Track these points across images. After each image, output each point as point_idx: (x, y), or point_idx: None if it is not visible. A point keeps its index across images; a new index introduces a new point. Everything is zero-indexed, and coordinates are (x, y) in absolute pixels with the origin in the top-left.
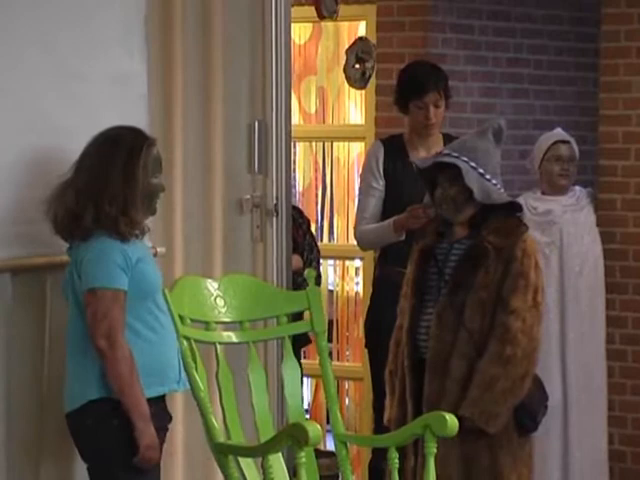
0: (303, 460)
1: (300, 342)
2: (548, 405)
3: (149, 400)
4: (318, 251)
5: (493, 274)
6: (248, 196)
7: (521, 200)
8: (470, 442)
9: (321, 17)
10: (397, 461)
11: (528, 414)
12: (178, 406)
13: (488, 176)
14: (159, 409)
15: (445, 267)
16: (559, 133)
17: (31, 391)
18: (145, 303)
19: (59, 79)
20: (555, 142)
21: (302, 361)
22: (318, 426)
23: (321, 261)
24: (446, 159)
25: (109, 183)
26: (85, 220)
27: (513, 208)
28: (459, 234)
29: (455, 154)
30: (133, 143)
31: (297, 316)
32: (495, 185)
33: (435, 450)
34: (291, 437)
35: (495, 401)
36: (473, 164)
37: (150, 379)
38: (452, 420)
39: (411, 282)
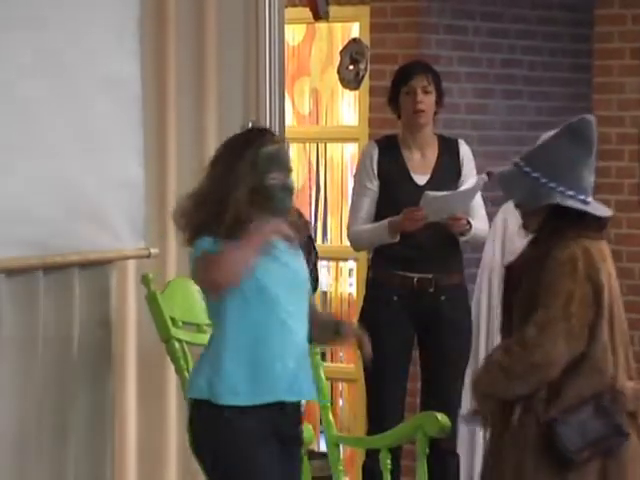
0: None
1: None
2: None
3: (254, 408)
4: (317, 253)
5: (528, 287)
6: None
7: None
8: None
9: (317, 18)
10: (389, 462)
11: (565, 440)
12: (171, 410)
13: (536, 174)
14: (266, 416)
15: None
16: None
17: (24, 392)
18: (256, 304)
19: (52, 81)
20: None
21: None
22: (310, 427)
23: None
24: (502, 169)
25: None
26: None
27: (585, 216)
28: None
29: (515, 160)
30: (235, 143)
31: None
32: (545, 184)
33: (427, 450)
34: None
35: (489, 384)
36: (522, 163)
37: (254, 385)
38: (444, 421)
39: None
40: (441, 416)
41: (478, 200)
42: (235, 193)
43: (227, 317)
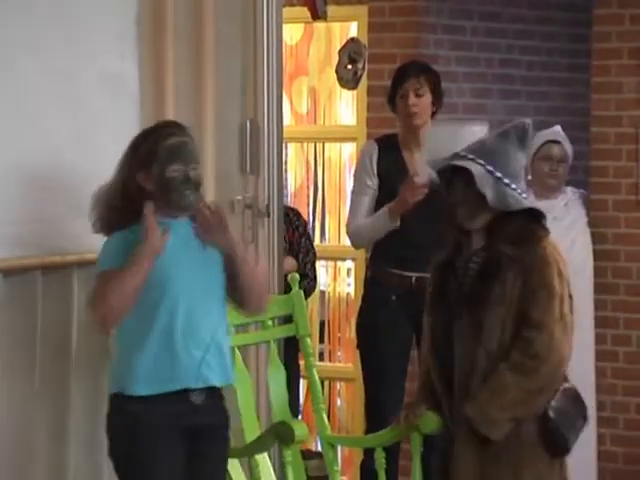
0: (289, 459)
1: (297, 347)
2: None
3: (156, 397)
4: (314, 254)
5: (512, 288)
6: (239, 197)
7: None
8: (491, 461)
9: (315, 18)
10: (384, 461)
11: (559, 435)
12: None
13: (507, 180)
14: (169, 404)
15: (464, 282)
16: (552, 132)
17: (22, 392)
18: (154, 295)
19: (51, 80)
20: (546, 142)
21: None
22: (304, 424)
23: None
24: (459, 162)
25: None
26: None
27: (534, 214)
28: (477, 244)
29: (471, 156)
30: (135, 142)
31: (289, 320)
32: (515, 190)
33: (421, 449)
34: (277, 435)
35: (502, 408)
36: (490, 167)
37: (155, 375)
38: (438, 419)
39: (431, 297)
40: (435, 415)
41: None
42: (133, 183)
43: (132, 309)
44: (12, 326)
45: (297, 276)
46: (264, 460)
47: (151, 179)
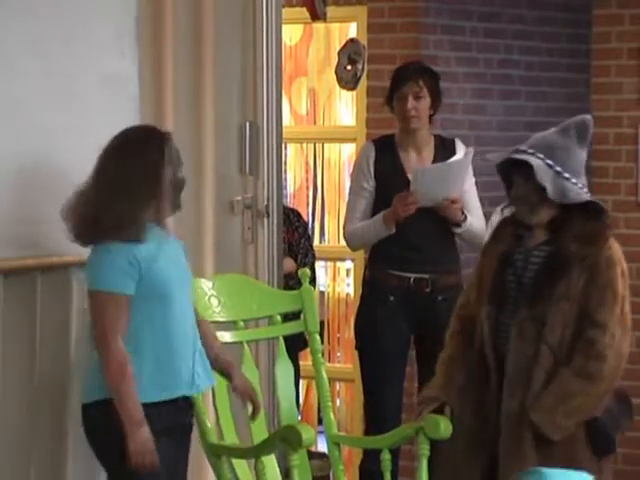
0: (296, 462)
1: (298, 346)
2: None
3: (158, 403)
4: (313, 255)
5: (576, 285)
6: (239, 197)
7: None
8: (543, 458)
9: (314, 19)
10: (390, 462)
11: (602, 432)
12: None
13: (567, 175)
14: (169, 411)
15: (524, 276)
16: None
17: (21, 392)
18: (156, 304)
19: (50, 80)
20: None
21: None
22: (311, 429)
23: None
24: (519, 156)
25: (127, 183)
26: (103, 224)
27: (596, 209)
28: (538, 239)
29: (531, 150)
30: (145, 141)
31: (295, 317)
32: (575, 184)
33: (428, 452)
34: (284, 439)
35: (567, 415)
36: (550, 162)
37: (158, 382)
38: (445, 423)
39: (489, 288)
40: (442, 419)
41: (474, 199)
42: (159, 187)
43: (131, 317)
44: (12, 326)
45: (308, 271)
46: (271, 461)
47: (165, 180)
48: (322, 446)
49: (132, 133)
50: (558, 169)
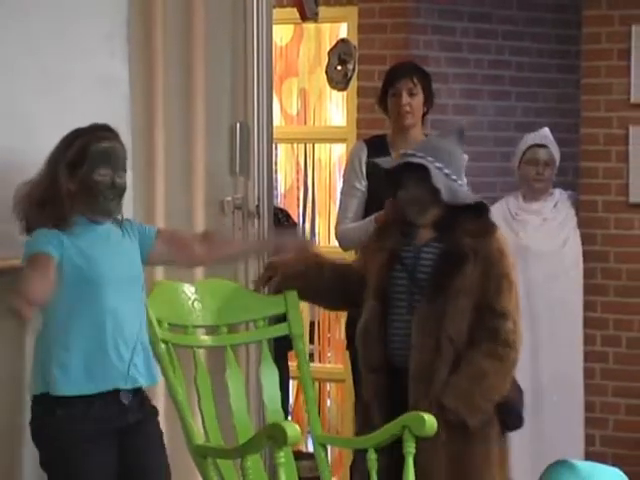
0: (282, 460)
1: (287, 346)
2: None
3: (91, 397)
4: None
5: (470, 277)
6: (229, 198)
7: (502, 203)
8: (458, 442)
9: (304, 19)
10: (376, 462)
11: (514, 410)
12: (160, 409)
13: (454, 177)
14: (101, 405)
15: (416, 272)
16: (539, 135)
17: (10, 392)
18: (83, 291)
19: (41, 80)
20: (533, 145)
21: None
22: (296, 426)
23: None
24: (414, 159)
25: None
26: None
27: (479, 208)
28: (424, 237)
29: (420, 154)
30: (67, 139)
31: (282, 319)
32: (462, 186)
33: (414, 450)
34: (269, 437)
35: (484, 395)
36: (439, 164)
37: (89, 374)
38: (430, 420)
39: (374, 284)
40: (427, 416)
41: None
42: (62, 185)
43: (57, 309)
44: (6, 325)
45: None
46: (256, 461)
47: (76, 179)
48: (312, 446)
49: (73, 131)
50: (447, 171)
